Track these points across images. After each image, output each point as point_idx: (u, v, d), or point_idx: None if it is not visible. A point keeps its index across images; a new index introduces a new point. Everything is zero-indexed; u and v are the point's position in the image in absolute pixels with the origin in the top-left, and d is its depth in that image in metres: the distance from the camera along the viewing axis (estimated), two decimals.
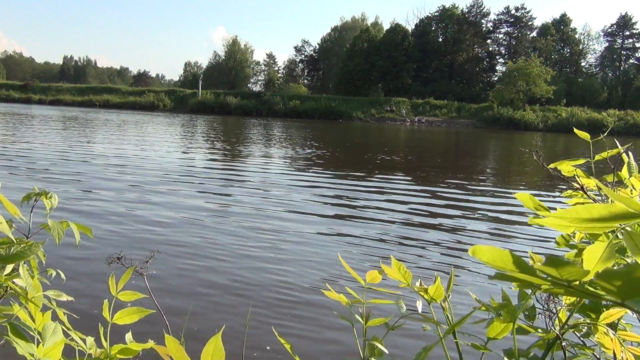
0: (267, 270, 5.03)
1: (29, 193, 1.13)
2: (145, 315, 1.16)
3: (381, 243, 6.32)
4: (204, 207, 7.91)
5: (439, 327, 1.02)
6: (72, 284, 4.30)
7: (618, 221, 0.51)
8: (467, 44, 75.01)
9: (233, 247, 5.81)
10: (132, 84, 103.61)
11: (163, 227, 6.53)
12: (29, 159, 12.54)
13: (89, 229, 1.14)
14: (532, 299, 1.03)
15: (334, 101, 60.62)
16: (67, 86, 71.66)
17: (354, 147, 23.13)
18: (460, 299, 4.13)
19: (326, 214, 7.92)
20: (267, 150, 19.05)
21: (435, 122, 56.26)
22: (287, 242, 6.10)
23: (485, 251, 0.59)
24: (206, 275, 4.84)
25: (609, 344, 0.91)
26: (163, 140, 21.19)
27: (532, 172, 15.21)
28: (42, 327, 0.99)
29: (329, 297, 1.15)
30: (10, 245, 0.96)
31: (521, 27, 75.43)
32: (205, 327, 3.69)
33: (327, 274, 5.02)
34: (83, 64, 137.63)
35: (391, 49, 69.87)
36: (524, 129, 52.10)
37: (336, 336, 3.67)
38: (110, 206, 7.61)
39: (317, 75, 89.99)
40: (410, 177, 13.15)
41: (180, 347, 0.77)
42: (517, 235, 7.05)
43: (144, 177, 10.65)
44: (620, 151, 1.11)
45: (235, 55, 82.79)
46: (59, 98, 64.77)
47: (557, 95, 58.39)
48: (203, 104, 60.47)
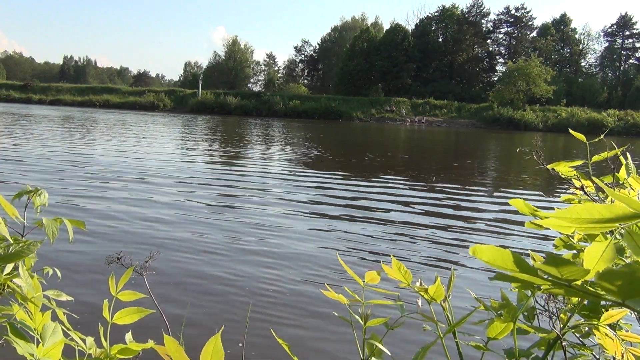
0: (267, 270, 5.03)
1: (20, 191, 1.13)
2: (145, 315, 1.16)
3: (381, 242, 6.32)
4: (204, 207, 7.91)
5: (439, 327, 1.02)
6: (72, 283, 4.30)
7: (618, 221, 0.50)
8: (467, 44, 75.01)
9: (233, 246, 5.81)
10: (132, 84, 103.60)
11: (163, 227, 6.52)
12: (27, 159, 12.54)
13: (82, 223, 1.14)
14: (532, 300, 1.03)
15: (334, 101, 60.60)
16: (67, 86, 71.64)
17: (354, 147, 23.13)
18: (460, 299, 4.13)
19: (326, 214, 7.91)
20: (266, 150, 19.05)
21: (435, 122, 56.25)
22: (288, 242, 6.10)
23: (485, 251, 0.58)
24: (206, 275, 4.84)
25: (610, 346, 0.91)
26: (163, 139, 21.19)
27: (532, 172, 15.20)
28: (42, 327, 0.99)
29: (329, 297, 1.15)
30: (8, 244, 0.96)
31: (521, 27, 75.43)
32: (205, 327, 3.69)
33: (328, 274, 5.01)
34: (83, 64, 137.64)
35: (391, 49, 69.87)
36: (524, 129, 52.09)
37: (336, 336, 3.67)
38: (110, 205, 7.61)
39: (317, 75, 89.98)
40: (410, 176, 13.15)
41: (179, 348, 0.77)
42: (517, 234, 7.05)
43: (143, 177, 10.64)
44: (617, 152, 1.11)
45: (235, 55, 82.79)
46: (59, 98, 64.75)
47: (557, 95, 58.38)
48: (203, 104, 60.46)
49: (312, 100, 61.29)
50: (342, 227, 7.04)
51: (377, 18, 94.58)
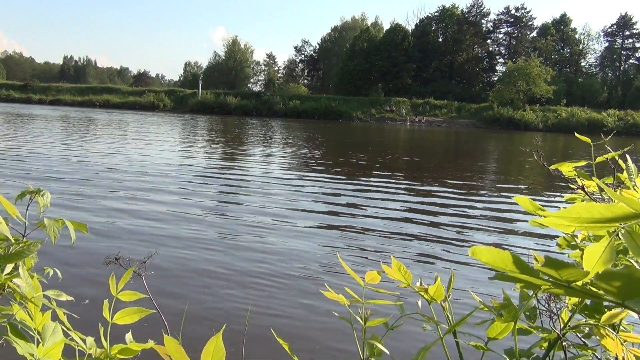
0: (267, 270, 5.03)
1: (23, 191, 1.13)
2: (146, 315, 1.16)
3: (381, 241, 6.32)
4: (204, 207, 7.91)
5: (439, 327, 1.02)
6: (72, 283, 4.30)
7: (619, 221, 0.50)
8: (467, 44, 75.01)
9: (233, 246, 5.81)
10: (132, 84, 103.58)
11: (162, 226, 6.52)
12: (27, 159, 12.53)
13: (84, 225, 1.14)
14: (533, 300, 1.03)
15: (334, 101, 60.61)
16: (67, 86, 71.64)
17: (354, 146, 23.12)
18: (460, 299, 4.13)
19: (326, 214, 7.91)
20: (266, 150, 19.05)
21: (435, 122, 56.26)
22: (288, 241, 6.10)
23: (484, 252, 0.58)
24: (207, 273, 4.84)
25: (611, 346, 0.91)
26: (163, 139, 21.19)
27: (532, 172, 15.20)
28: (42, 327, 0.99)
29: (329, 297, 1.15)
30: (9, 244, 0.96)
31: (521, 27, 75.43)
32: (205, 326, 3.69)
33: (328, 273, 5.01)
34: (83, 64, 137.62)
35: (391, 49, 69.88)
36: (524, 129, 52.10)
37: (337, 336, 3.66)
38: (109, 204, 7.60)
39: (317, 75, 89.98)
40: (410, 176, 13.15)
41: (179, 348, 0.77)
42: (517, 234, 7.05)
43: (143, 176, 10.64)
44: (617, 155, 1.11)
45: (235, 55, 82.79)
46: (59, 98, 64.76)
47: (557, 95, 58.39)
48: (203, 104, 60.46)
49: (312, 100, 61.30)
50: (342, 227, 7.04)
51: (377, 18, 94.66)
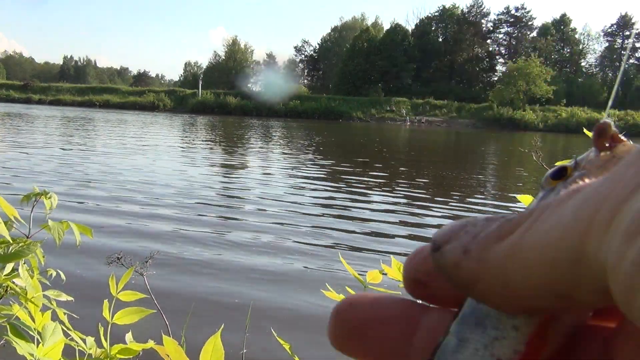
0: (268, 269, 5.03)
1: (29, 193, 1.13)
2: (146, 315, 1.16)
3: (381, 241, 6.32)
4: (205, 206, 7.91)
5: None
6: (72, 283, 4.29)
7: None
8: (467, 44, 74.99)
9: (233, 246, 5.81)
10: (132, 84, 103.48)
11: (162, 226, 6.52)
12: (27, 158, 12.54)
13: (89, 230, 1.15)
14: None
15: (334, 101, 60.61)
16: (67, 86, 71.63)
17: (354, 146, 23.13)
18: None
19: (327, 214, 7.92)
20: (266, 150, 19.05)
21: (435, 122, 56.26)
22: (288, 241, 6.10)
23: None
24: (207, 274, 4.84)
25: None
26: (163, 139, 21.19)
27: (532, 172, 15.20)
28: (42, 327, 0.99)
29: (329, 297, 1.15)
30: (8, 244, 0.96)
31: (521, 27, 75.45)
32: (206, 324, 3.68)
33: (327, 272, 5.01)
34: (83, 64, 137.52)
35: (391, 49, 69.88)
36: (524, 129, 52.06)
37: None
38: (109, 204, 7.60)
39: (317, 75, 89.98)
40: (410, 176, 13.15)
41: (179, 348, 0.77)
42: None
43: (143, 176, 10.64)
44: None
45: (235, 55, 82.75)
46: (59, 98, 64.73)
47: (557, 95, 58.39)
48: (203, 104, 60.43)
49: (312, 100, 61.30)
50: (343, 227, 7.04)
51: (377, 18, 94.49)
